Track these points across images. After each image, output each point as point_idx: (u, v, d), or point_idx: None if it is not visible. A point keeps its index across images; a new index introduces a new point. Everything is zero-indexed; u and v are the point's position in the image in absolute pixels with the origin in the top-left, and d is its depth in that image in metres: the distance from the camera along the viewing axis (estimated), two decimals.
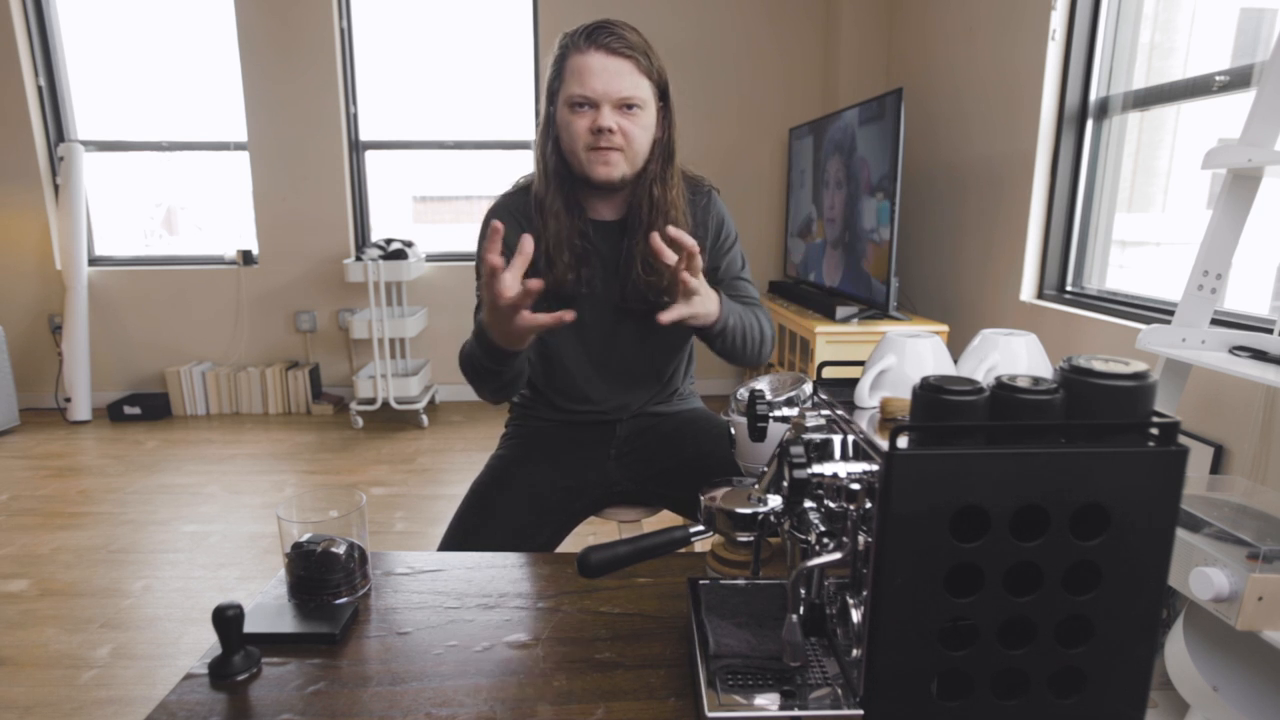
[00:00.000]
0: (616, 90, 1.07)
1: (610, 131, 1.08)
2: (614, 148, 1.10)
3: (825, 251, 3.11)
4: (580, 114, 1.09)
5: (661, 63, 1.13)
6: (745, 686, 0.64)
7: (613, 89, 1.07)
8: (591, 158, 1.10)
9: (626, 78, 1.08)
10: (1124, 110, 2.19)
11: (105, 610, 1.95)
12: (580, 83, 1.07)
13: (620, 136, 1.09)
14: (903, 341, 0.69)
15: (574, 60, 1.08)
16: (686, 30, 3.64)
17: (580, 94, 1.07)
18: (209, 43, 3.69)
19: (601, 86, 1.07)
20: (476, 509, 1.20)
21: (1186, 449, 0.53)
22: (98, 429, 3.59)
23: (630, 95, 1.08)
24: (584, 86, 1.07)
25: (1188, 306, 1.31)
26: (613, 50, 1.07)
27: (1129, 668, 0.57)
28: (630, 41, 1.08)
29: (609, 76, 1.07)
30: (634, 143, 1.11)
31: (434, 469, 3.04)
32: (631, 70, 1.08)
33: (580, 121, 1.09)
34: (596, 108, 1.08)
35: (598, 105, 1.08)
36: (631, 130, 1.10)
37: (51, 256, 3.74)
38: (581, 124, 1.09)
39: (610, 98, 1.07)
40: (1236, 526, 1.00)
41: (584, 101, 1.08)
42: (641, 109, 1.10)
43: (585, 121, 1.09)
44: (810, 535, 0.65)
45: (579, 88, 1.07)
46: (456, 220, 4.27)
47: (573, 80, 1.08)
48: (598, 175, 1.11)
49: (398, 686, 0.70)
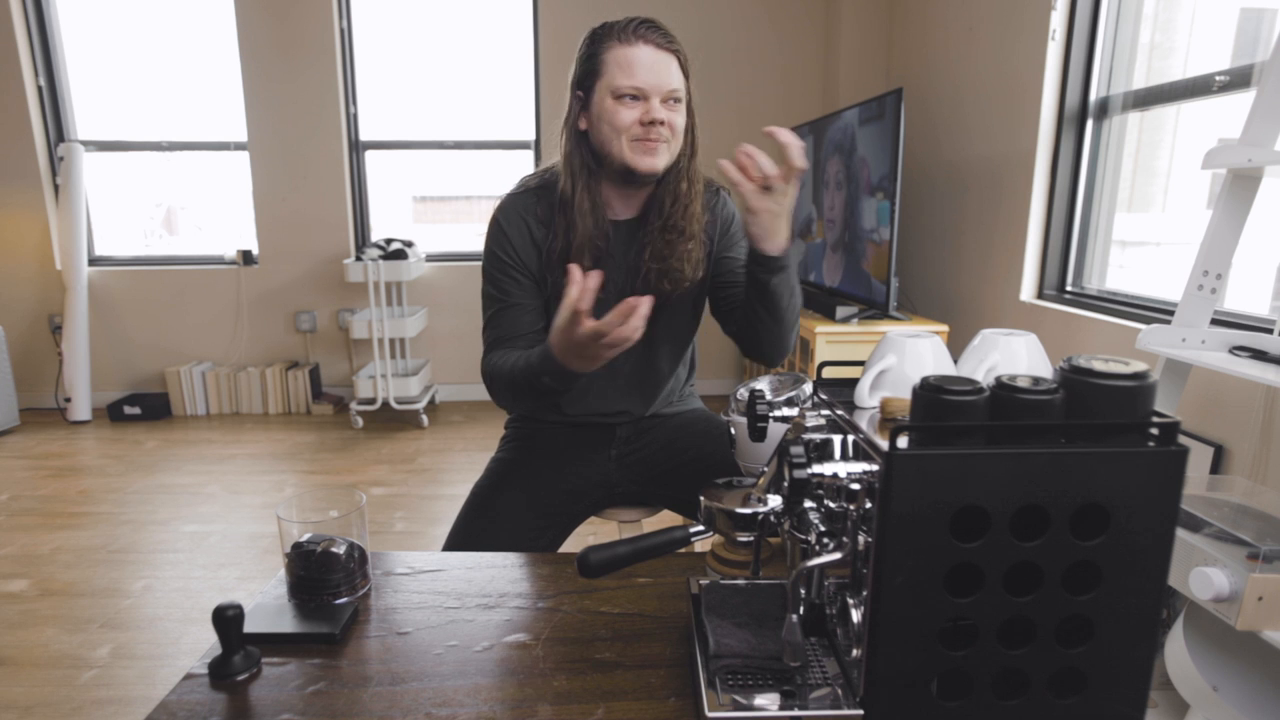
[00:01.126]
0: (666, 83, 1.08)
1: (661, 124, 1.09)
2: (662, 140, 1.10)
3: (825, 252, 3.11)
4: (629, 105, 1.08)
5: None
6: (745, 686, 0.64)
7: (663, 81, 1.08)
8: (637, 148, 1.10)
9: (674, 71, 1.09)
10: (1124, 110, 2.19)
11: (105, 610, 1.95)
12: (629, 74, 1.07)
13: (668, 129, 1.10)
14: (903, 341, 0.69)
15: (619, 52, 1.08)
16: (687, 30, 3.62)
17: (631, 85, 1.07)
18: (209, 43, 3.69)
19: (654, 79, 1.08)
20: (479, 513, 1.19)
21: (1186, 449, 0.53)
22: (98, 429, 3.59)
23: (677, 88, 1.10)
24: (634, 78, 1.07)
25: (1188, 306, 1.31)
26: (659, 45, 1.08)
27: (1129, 668, 0.57)
28: (671, 36, 1.10)
29: (660, 69, 1.08)
30: (678, 135, 1.13)
31: (434, 469, 3.03)
32: (676, 66, 1.10)
33: (629, 113, 1.08)
34: (646, 100, 1.08)
35: (648, 98, 1.08)
36: (677, 123, 1.12)
37: (51, 256, 3.74)
38: (630, 115, 1.08)
39: (660, 90, 1.08)
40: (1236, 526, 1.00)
41: (635, 94, 1.08)
42: (682, 103, 1.12)
43: (635, 113, 1.08)
44: (810, 535, 0.65)
45: (628, 79, 1.07)
46: (456, 220, 4.27)
47: (619, 72, 1.08)
48: (643, 165, 1.11)
49: (398, 686, 0.70)
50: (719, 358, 4.03)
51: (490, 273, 1.19)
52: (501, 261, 1.18)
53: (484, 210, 4.20)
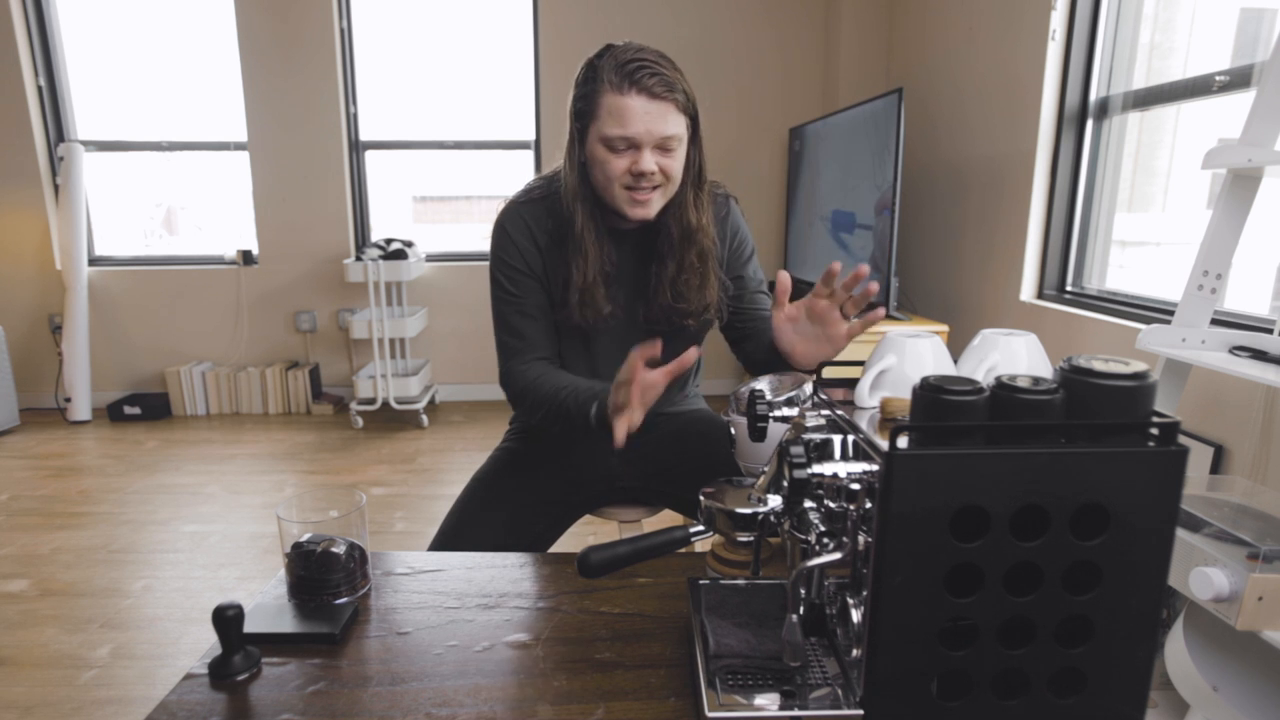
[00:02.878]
0: (659, 131, 1.04)
1: (651, 174, 1.06)
2: (654, 186, 1.08)
3: (825, 252, 3.11)
4: (619, 154, 1.06)
5: (692, 90, 1.10)
6: (745, 686, 0.64)
7: (656, 130, 1.04)
8: (627, 198, 1.08)
9: (668, 119, 1.05)
10: (1124, 110, 2.19)
11: (105, 610, 1.95)
12: (620, 124, 1.03)
13: (659, 175, 1.07)
14: (903, 341, 0.69)
15: (612, 100, 1.03)
16: (686, 30, 3.64)
17: (620, 135, 1.04)
18: (209, 43, 3.69)
19: (644, 129, 1.03)
20: (477, 497, 1.21)
21: (1186, 449, 0.53)
22: (98, 429, 3.59)
23: (672, 135, 1.05)
24: (624, 128, 1.03)
25: (1188, 306, 1.31)
26: (654, 94, 1.03)
27: (1129, 668, 0.57)
28: (669, 81, 1.04)
29: (650, 120, 1.03)
30: (672, 179, 1.10)
31: (434, 469, 3.03)
32: (671, 110, 1.05)
33: (619, 162, 1.06)
34: (637, 149, 1.05)
35: (640, 147, 1.05)
36: (670, 167, 1.08)
37: (51, 256, 3.74)
38: (620, 164, 1.06)
39: (652, 140, 1.04)
40: (1236, 526, 1.00)
41: (624, 145, 1.05)
42: (678, 146, 1.08)
43: (624, 162, 1.06)
44: (810, 535, 0.65)
45: (618, 129, 1.03)
46: (456, 220, 4.27)
47: (610, 121, 1.04)
48: (635, 215, 1.09)
49: (398, 686, 0.70)
50: (719, 358, 4.03)
51: (499, 279, 1.18)
52: (510, 267, 1.17)
53: (484, 210, 4.20)
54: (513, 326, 1.18)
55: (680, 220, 1.14)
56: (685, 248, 1.14)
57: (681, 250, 1.14)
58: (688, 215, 1.14)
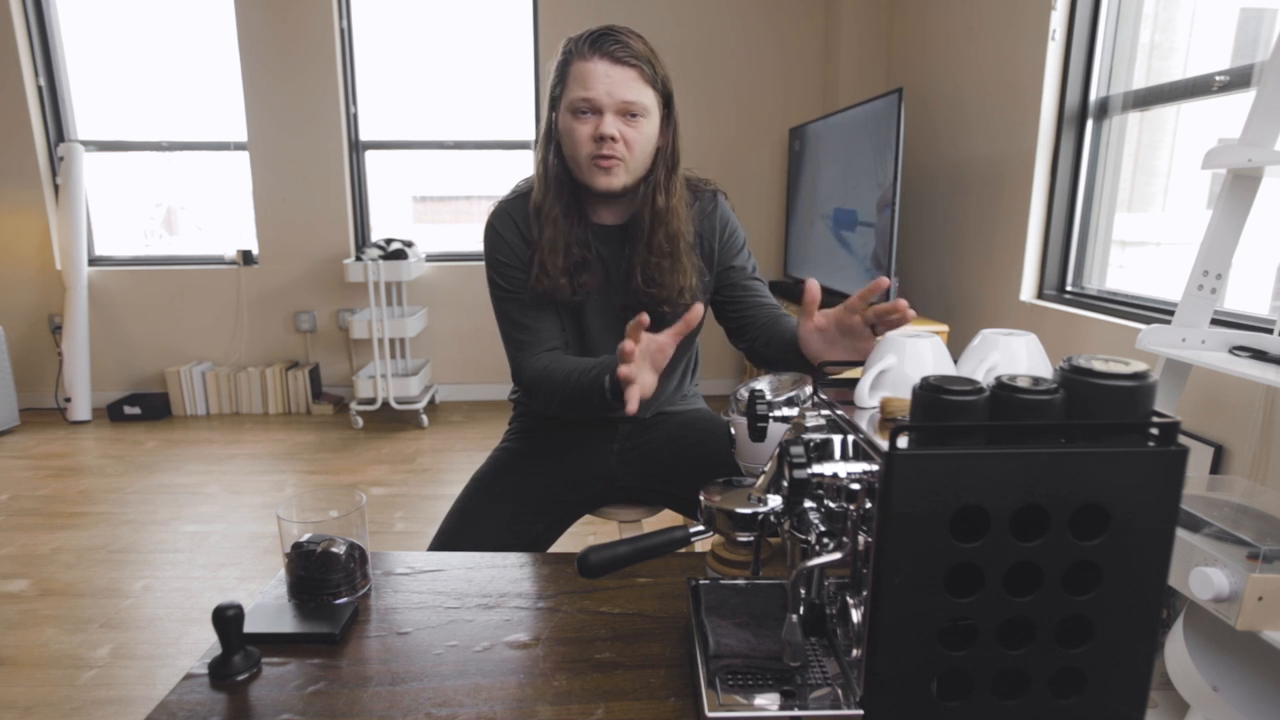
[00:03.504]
0: (619, 95, 1.06)
1: (613, 139, 1.07)
2: (615, 156, 1.09)
3: (825, 252, 3.11)
4: (583, 120, 1.08)
5: (666, 71, 1.12)
6: (745, 686, 0.64)
7: (616, 94, 1.06)
8: (592, 166, 1.10)
9: (630, 85, 1.07)
10: (1124, 110, 2.19)
11: (105, 610, 1.95)
12: (583, 87, 1.06)
13: (622, 145, 1.09)
14: (903, 341, 0.69)
15: (577, 66, 1.07)
16: (686, 30, 3.64)
17: (583, 97, 1.06)
18: (209, 43, 3.69)
19: (604, 92, 1.06)
20: (477, 497, 1.21)
21: (1186, 449, 0.53)
22: (98, 429, 3.59)
23: (633, 101, 1.07)
24: (587, 90, 1.06)
25: (1188, 306, 1.31)
26: (617, 59, 1.06)
27: (1129, 668, 0.57)
28: (634, 50, 1.07)
29: (612, 83, 1.06)
30: (635, 151, 1.10)
31: (434, 469, 3.03)
32: (635, 78, 1.07)
33: (583, 128, 1.08)
34: (599, 114, 1.07)
35: (600, 111, 1.07)
36: (633, 138, 1.09)
37: (51, 256, 3.74)
38: (584, 130, 1.08)
39: (613, 104, 1.07)
40: (1236, 526, 1.00)
41: (586, 108, 1.07)
42: (644, 117, 1.09)
43: (588, 128, 1.08)
44: (810, 535, 0.65)
45: (582, 91, 1.06)
46: (456, 220, 4.27)
47: (575, 85, 1.07)
48: (598, 184, 1.11)
49: (398, 686, 0.70)
50: (719, 358, 4.03)
51: (496, 279, 1.20)
52: (504, 265, 1.19)
53: (484, 210, 4.18)
54: (516, 321, 1.19)
55: (652, 203, 1.15)
56: (655, 229, 1.15)
57: (652, 232, 1.15)
58: (658, 198, 1.15)
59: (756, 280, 1.29)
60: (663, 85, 1.12)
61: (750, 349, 1.26)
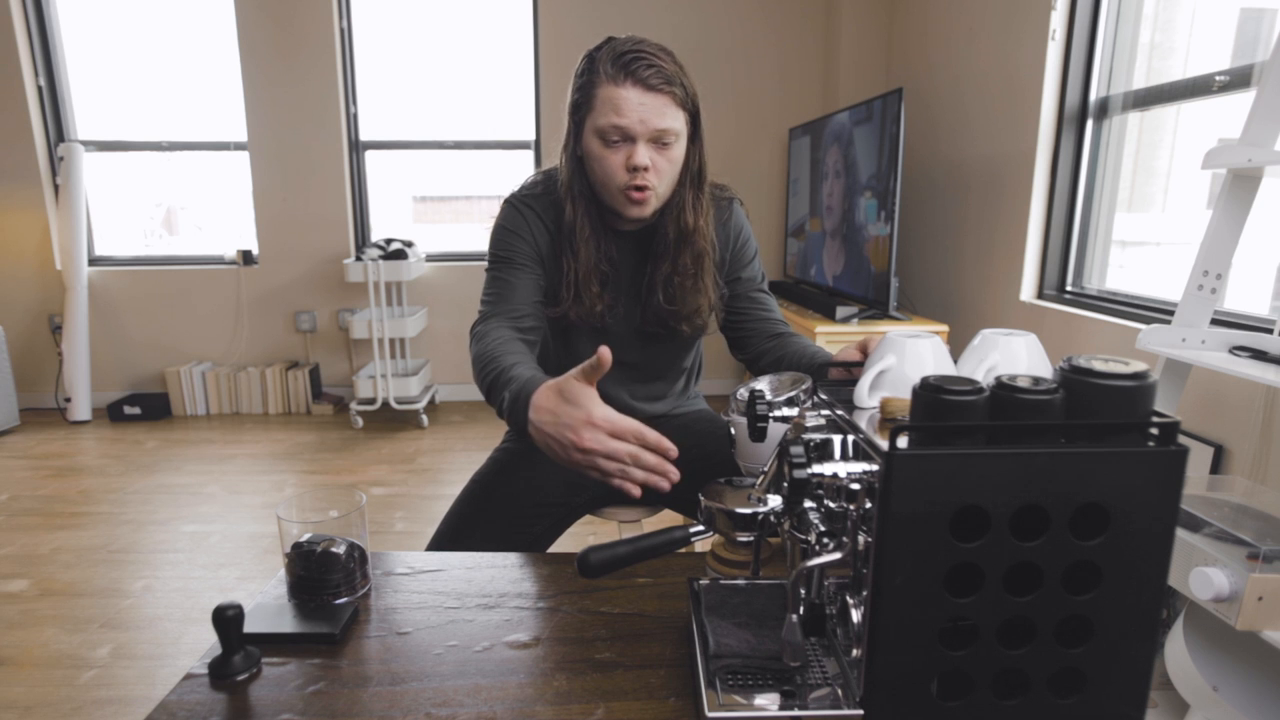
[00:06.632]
0: (654, 124, 1.02)
1: (645, 170, 1.04)
2: (648, 186, 1.06)
3: (825, 252, 3.11)
4: (614, 149, 1.04)
5: (693, 85, 1.08)
6: (745, 686, 0.64)
7: (650, 123, 1.02)
8: (624, 196, 1.07)
9: (665, 112, 1.03)
10: (1124, 110, 2.19)
11: (105, 610, 1.95)
12: (616, 113, 1.02)
13: (653, 174, 1.06)
14: (903, 341, 0.69)
15: (607, 90, 1.02)
16: (686, 30, 3.64)
17: (615, 125, 1.02)
18: (209, 43, 3.69)
19: (638, 120, 1.02)
20: (477, 497, 1.21)
21: (1186, 449, 0.53)
22: (98, 429, 3.59)
23: (667, 129, 1.03)
24: (620, 118, 1.02)
25: (1188, 306, 1.31)
26: (650, 86, 1.01)
27: (1129, 668, 0.57)
28: (667, 74, 1.02)
29: (646, 111, 1.01)
30: (665, 177, 1.08)
31: (434, 469, 3.03)
32: (668, 104, 1.03)
33: (614, 157, 1.04)
34: (631, 142, 1.03)
35: (633, 139, 1.03)
36: (664, 166, 1.06)
37: (51, 256, 3.74)
38: (616, 159, 1.04)
39: (646, 132, 1.03)
40: (1236, 526, 1.00)
41: (619, 135, 1.03)
42: (675, 141, 1.06)
43: (620, 157, 1.04)
44: (810, 535, 0.65)
45: (614, 118, 1.02)
46: (456, 220, 4.27)
47: (606, 110, 1.02)
48: (630, 214, 1.08)
49: (398, 686, 0.70)
50: (719, 358, 4.03)
51: (495, 250, 1.16)
52: (510, 233, 1.14)
53: (484, 210, 4.20)
54: (493, 282, 1.14)
55: (678, 221, 1.13)
56: (680, 249, 1.13)
57: (677, 251, 1.13)
58: (685, 216, 1.13)
59: (764, 293, 1.28)
60: (692, 104, 1.08)
61: (752, 365, 1.25)
